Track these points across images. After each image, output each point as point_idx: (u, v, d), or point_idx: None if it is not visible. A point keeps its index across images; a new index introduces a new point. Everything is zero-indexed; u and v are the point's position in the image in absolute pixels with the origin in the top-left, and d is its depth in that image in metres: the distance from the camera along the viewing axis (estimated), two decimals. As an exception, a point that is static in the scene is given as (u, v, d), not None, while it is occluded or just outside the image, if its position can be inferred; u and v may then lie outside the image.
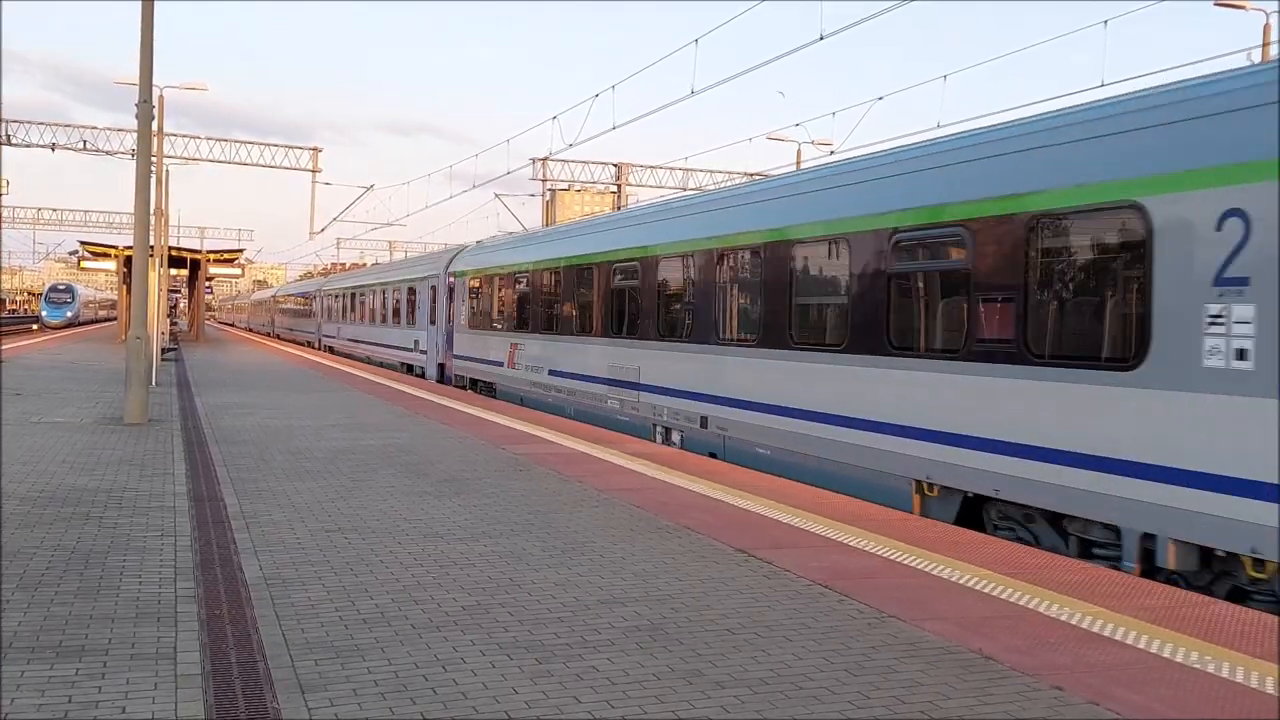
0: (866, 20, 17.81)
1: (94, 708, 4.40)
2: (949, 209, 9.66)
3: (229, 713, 4.38)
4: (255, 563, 7.01)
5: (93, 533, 7.78)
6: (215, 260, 51.57)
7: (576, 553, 7.51)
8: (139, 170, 16.16)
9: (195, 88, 38.67)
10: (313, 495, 9.56)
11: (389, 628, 5.64)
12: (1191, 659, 5.36)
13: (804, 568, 7.17)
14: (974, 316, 9.29)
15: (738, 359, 13.27)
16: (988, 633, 5.76)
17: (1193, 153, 7.47)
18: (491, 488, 10.17)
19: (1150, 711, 4.62)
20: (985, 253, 9.21)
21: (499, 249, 24.06)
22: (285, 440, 13.43)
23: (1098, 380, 8.07)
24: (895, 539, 8.15)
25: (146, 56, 16.02)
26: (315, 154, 49.09)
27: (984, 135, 9.78)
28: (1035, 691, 4.86)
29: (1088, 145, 8.41)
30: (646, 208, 17.98)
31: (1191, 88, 7.73)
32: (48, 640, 5.28)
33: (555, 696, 4.68)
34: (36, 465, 10.86)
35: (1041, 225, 8.66)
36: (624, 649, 5.38)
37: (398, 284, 33.59)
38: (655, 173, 49.92)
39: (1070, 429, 8.27)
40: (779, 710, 4.59)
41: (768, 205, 12.99)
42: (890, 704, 4.69)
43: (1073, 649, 5.50)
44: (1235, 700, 4.79)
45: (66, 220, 76.16)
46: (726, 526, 8.53)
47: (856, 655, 5.37)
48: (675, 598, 6.38)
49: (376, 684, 4.78)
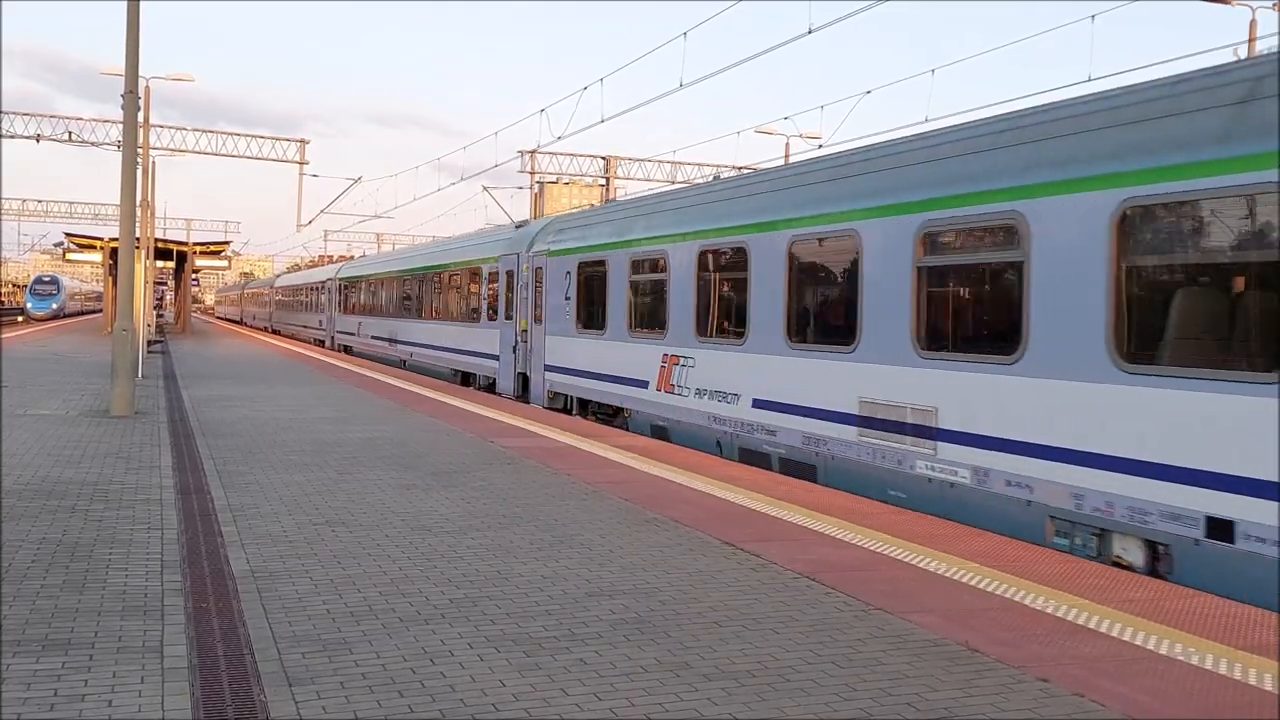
0: (854, 15, 17.84)
1: (80, 701, 4.39)
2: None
3: (216, 706, 4.37)
4: (242, 556, 7.00)
5: (79, 526, 7.75)
6: (202, 252, 51.38)
7: (564, 546, 7.51)
8: (125, 162, 16.08)
9: (181, 79, 38.43)
10: (300, 488, 9.54)
11: (376, 621, 5.64)
12: (1175, 651, 5.39)
13: (791, 560, 7.20)
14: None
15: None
16: (974, 625, 5.79)
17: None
18: (480, 481, 10.16)
19: (1134, 702, 4.66)
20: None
21: (630, 215, 16.59)
22: (273, 433, 13.40)
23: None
24: (882, 532, 8.18)
25: (132, 47, 15.93)
26: (302, 146, 48.89)
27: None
28: (1020, 683, 4.89)
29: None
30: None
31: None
32: (34, 634, 5.26)
33: (543, 689, 4.68)
34: (22, 458, 10.81)
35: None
36: (612, 642, 5.39)
37: (452, 269, 25.99)
38: (644, 166, 49.88)
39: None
40: (766, 702, 4.60)
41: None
42: (877, 695, 4.71)
43: (1058, 641, 5.53)
44: (1218, 691, 4.83)
45: (52, 212, 75.78)
46: (714, 519, 8.55)
47: (843, 647, 5.40)
48: (663, 590, 6.39)
49: (364, 677, 4.78)
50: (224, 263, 59.69)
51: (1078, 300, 8.28)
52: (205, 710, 4.32)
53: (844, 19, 17.97)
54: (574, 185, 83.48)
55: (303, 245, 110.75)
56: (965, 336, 9.71)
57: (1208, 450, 7.21)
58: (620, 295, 16.16)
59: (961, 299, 10.01)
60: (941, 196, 9.70)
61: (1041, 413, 8.56)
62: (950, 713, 4.53)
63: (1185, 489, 7.37)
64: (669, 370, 14.62)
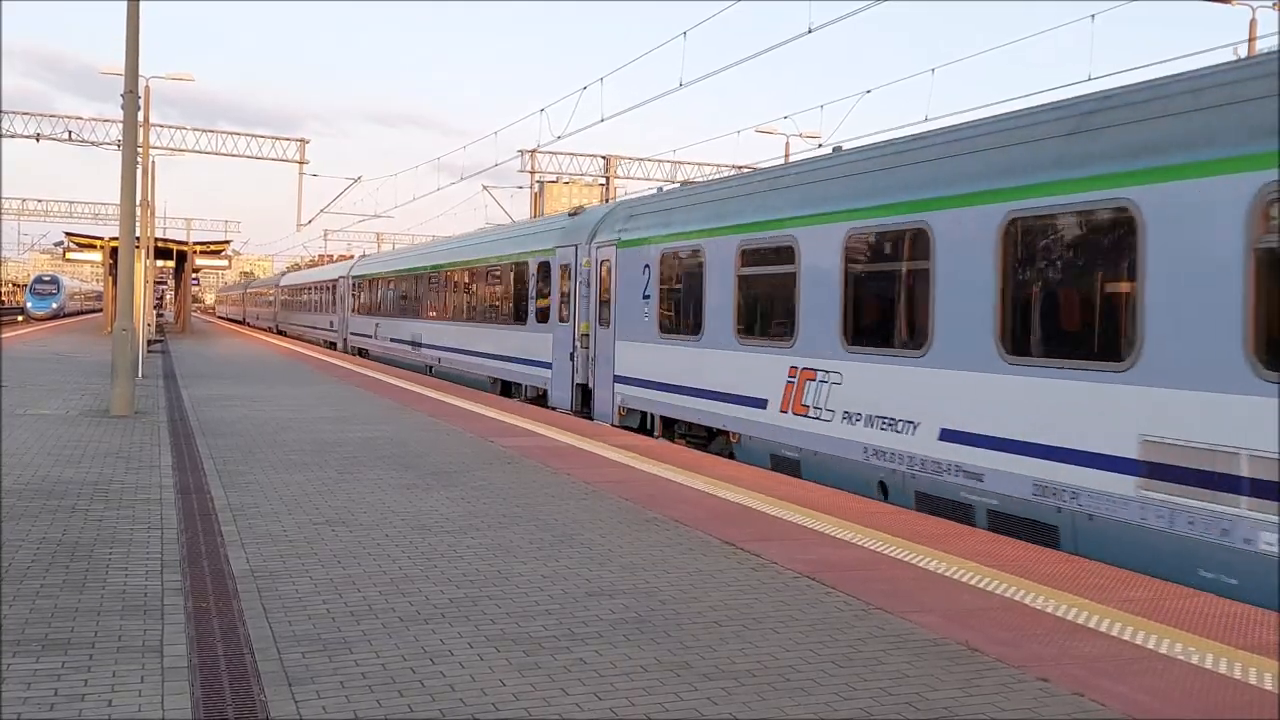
0: (854, 14, 17.85)
1: (80, 701, 4.39)
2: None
3: (216, 706, 4.37)
4: (242, 555, 7.00)
5: (79, 525, 7.75)
6: (202, 251, 51.37)
7: (564, 545, 7.51)
8: (125, 161, 16.08)
9: (181, 78, 38.42)
10: (300, 488, 9.54)
11: (376, 620, 5.64)
12: (1175, 650, 5.39)
13: (791, 560, 7.20)
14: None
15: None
16: (974, 624, 5.79)
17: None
18: (480, 480, 10.16)
19: (1134, 702, 4.66)
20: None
21: (735, 194, 13.53)
22: (273, 433, 13.40)
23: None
24: (882, 531, 8.18)
25: (132, 47, 15.93)
26: (302, 145, 48.93)
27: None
28: (1020, 683, 4.89)
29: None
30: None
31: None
32: (34, 633, 5.26)
33: (543, 689, 4.68)
34: (22, 457, 10.81)
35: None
36: (611, 641, 5.39)
37: (491, 264, 22.96)
38: (644, 165, 49.89)
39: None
40: (766, 701, 4.60)
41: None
42: (877, 695, 4.71)
43: (1058, 640, 5.53)
44: (1218, 691, 4.83)
45: (51, 211, 75.79)
46: (713, 519, 8.55)
47: (843, 647, 5.39)
48: (663, 590, 6.39)
49: (364, 677, 4.78)
50: (224, 262, 59.73)
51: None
52: (205, 710, 4.32)
53: (844, 18, 17.98)
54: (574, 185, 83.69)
55: (302, 245, 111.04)
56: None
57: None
58: (723, 292, 13.10)
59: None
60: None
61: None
62: (950, 712, 4.53)
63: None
64: (799, 387, 11.60)
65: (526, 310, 20.34)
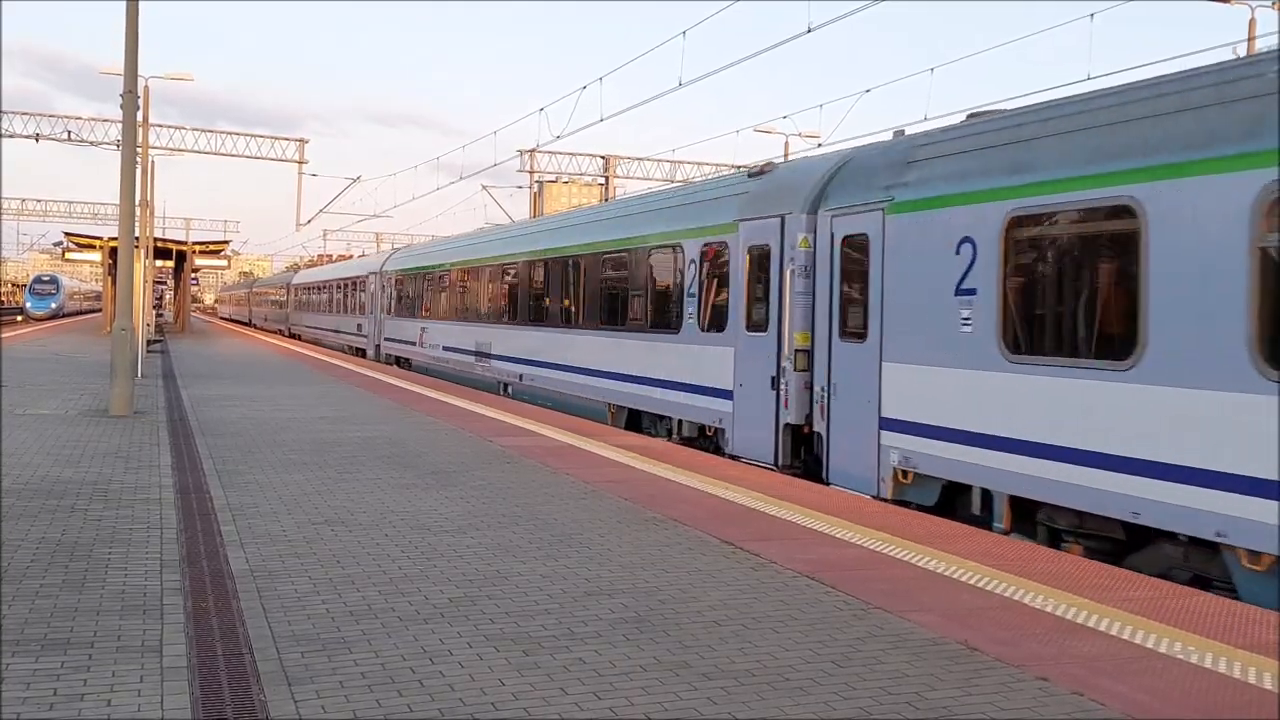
0: (854, 13, 17.85)
1: (79, 700, 4.39)
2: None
3: (215, 706, 4.37)
4: (242, 555, 7.00)
5: (78, 525, 7.75)
6: (201, 251, 51.37)
7: (563, 545, 7.51)
8: (124, 161, 16.07)
9: (180, 78, 38.40)
10: (300, 487, 9.54)
11: (376, 620, 5.64)
12: (1175, 650, 5.39)
13: (790, 560, 7.20)
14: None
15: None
16: (973, 624, 5.78)
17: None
18: (479, 480, 10.16)
19: (1134, 701, 4.66)
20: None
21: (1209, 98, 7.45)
22: (272, 433, 13.39)
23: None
24: (882, 532, 8.18)
25: (131, 47, 15.92)
26: (301, 145, 48.90)
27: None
28: (1020, 682, 4.89)
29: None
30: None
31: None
32: (33, 633, 5.26)
33: (542, 688, 4.68)
34: (21, 457, 10.80)
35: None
36: (611, 641, 5.39)
37: (617, 249, 16.77)
38: (643, 165, 49.88)
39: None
40: (766, 701, 4.60)
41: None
42: (876, 695, 4.71)
43: (1057, 640, 5.53)
44: (1218, 691, 4.83)
45: (51, 211, 75.76)
46: (713, 519, 8.55)
47: (843, 646, 5.39)
48: (662, 589, 6.39)
49: (363, 676, 4.78)
50: (223, 262, 59.73)
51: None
52: (204, 710, 4.32)
53: (843, 18, 17.98)
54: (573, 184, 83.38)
55: (302, 245, 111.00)
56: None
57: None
58: (1213, 279, 7.20)
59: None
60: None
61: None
62: (949, 712, 4.52)
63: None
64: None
65: (680, 313, 14.64)
